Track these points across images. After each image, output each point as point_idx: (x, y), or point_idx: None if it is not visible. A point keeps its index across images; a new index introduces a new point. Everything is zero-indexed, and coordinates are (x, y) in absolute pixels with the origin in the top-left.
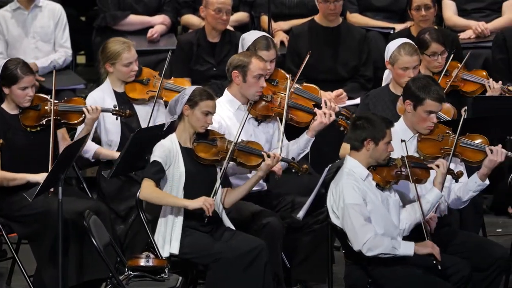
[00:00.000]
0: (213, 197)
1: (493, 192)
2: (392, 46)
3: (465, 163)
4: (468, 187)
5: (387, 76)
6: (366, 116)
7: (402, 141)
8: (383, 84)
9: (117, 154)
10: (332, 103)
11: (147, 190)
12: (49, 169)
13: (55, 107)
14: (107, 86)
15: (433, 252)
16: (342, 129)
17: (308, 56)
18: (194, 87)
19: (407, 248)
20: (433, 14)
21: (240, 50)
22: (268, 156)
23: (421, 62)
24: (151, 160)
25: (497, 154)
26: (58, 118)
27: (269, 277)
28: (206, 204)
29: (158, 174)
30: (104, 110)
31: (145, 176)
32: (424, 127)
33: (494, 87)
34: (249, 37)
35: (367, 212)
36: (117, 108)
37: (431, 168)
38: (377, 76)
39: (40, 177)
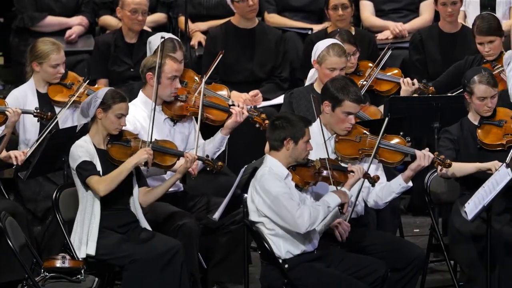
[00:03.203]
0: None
1: (410, 192)
2: (321, 46)
3: (383, 164)
4: (391, 188)
5: (312, 75)
6: (284, 116)
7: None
8: (307, 83)
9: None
10: (240, 103)
11: (100, 183)
12: None
13: None
14: (31, 86)
15: (345, 202)
16: (257, 125)
17: (220, 55)
18: (106, 89)
19: (334, 200)
20: (350, 14)
21: (148, 53)
22: (188, 157)
23: None
24: (80, 161)
25: (424, 158)
26: None
27: (186, 278)
28: (148, 155)
29: (96, 169)
30: (26, 112)
31: (88, 176)
32: (342, 128)
33: (413, 84)
34: (154, 41)
35: (295, 196)
36: (38, 111)
37: (349, 171)
38: (294, 77)
39: None
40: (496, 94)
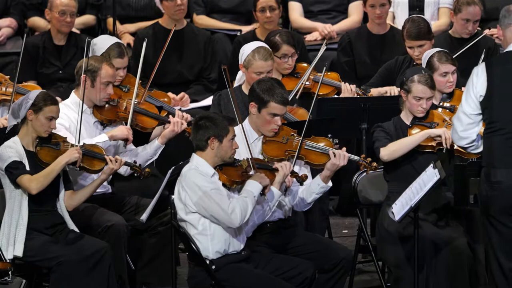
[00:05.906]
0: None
1: (339, 193)
2: (247, 50)
3: (309, 166)
4: (311, 189)
5: (240, 77)
6: (207, 116)
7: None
8: (235, 84)
9: None
10: (184, 113)
11: (32, 181)
12: None
13: None
14: None
15: (266, 184)
16: (187, 134)
17: (156, 66)
18: (38, 91)
19: (255, 187)
20: (278, 16)
21: (91, 54)
22: (112, 160)
23: None
24: (10, 161)
25: (340, 158)
26: None
27: (113, 280)
28: (79, 154)
29: (26, 168)
30: None
31: (19, 175)
32: (269, 130)
33: (351, 90)
34: (101, 43)
35: (223, 191)
36: None
37: (276, 170)
38: (222, 78)
39: None
40: (433, 97)
